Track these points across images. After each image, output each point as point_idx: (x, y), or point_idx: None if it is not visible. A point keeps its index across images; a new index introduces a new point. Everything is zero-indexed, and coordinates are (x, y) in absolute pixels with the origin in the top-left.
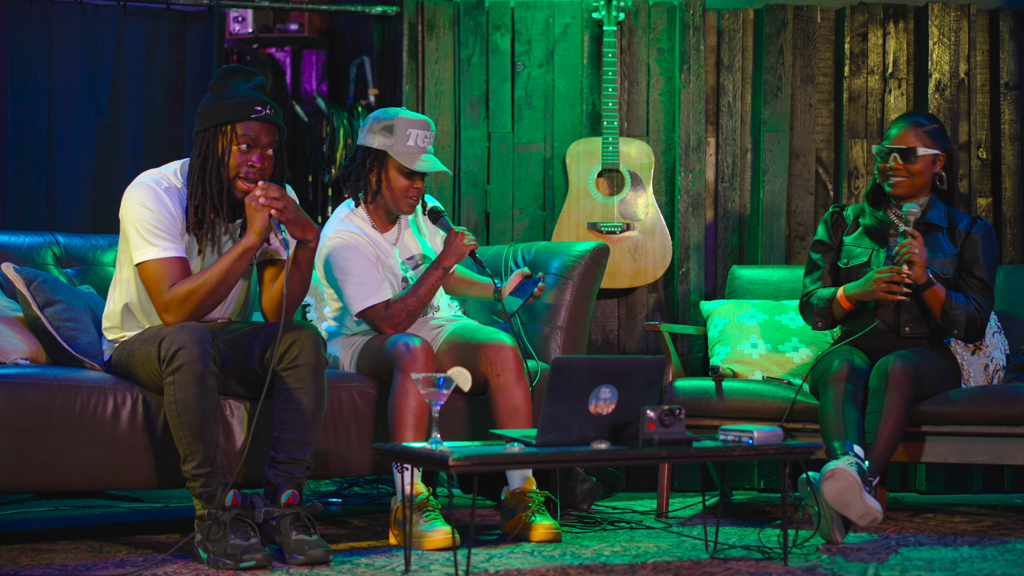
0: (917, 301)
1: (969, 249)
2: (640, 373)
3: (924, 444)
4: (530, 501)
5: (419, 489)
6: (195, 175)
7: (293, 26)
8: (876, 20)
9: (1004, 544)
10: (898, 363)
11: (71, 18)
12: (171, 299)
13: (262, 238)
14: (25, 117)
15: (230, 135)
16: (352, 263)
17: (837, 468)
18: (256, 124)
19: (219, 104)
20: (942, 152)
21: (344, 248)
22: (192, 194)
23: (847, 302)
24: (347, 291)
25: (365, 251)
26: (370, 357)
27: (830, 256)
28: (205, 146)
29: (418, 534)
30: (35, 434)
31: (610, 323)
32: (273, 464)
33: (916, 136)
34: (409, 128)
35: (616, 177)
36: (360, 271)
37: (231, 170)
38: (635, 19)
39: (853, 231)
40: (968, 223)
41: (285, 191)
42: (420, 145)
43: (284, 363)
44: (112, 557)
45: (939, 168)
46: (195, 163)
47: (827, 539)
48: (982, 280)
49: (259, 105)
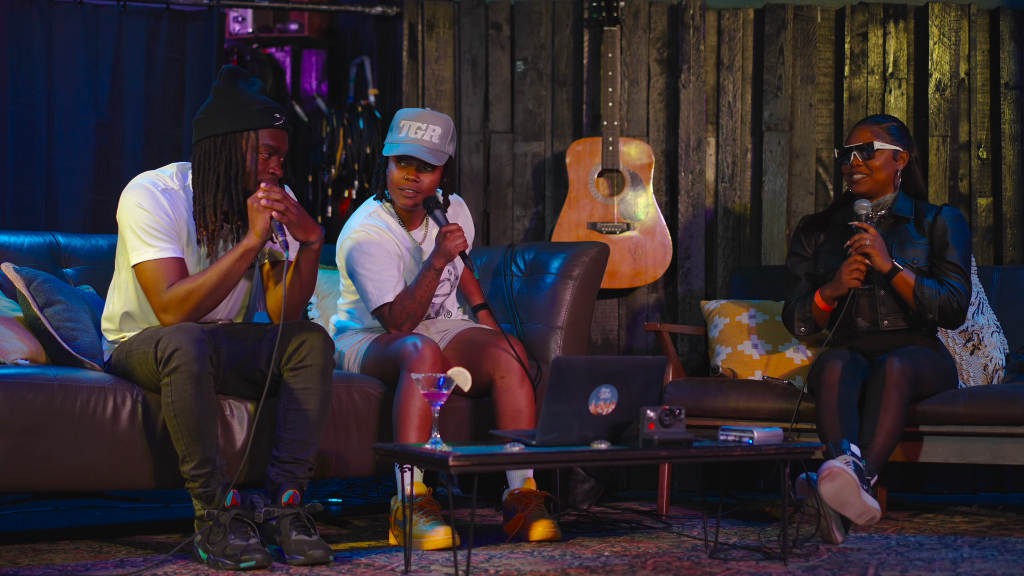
0: (892, 294)
1: (938, 234)
2: (640, 373)
3: (924, 444)
4: (529, 501)
5: (420, 489)
6: (213, 180)
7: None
8: (876, 20)
9: (1004, 544)
10: (895, 362)
11: (71, 18)
12: (170, 299)
13: (263, 239)
14: (25, 117)
15: (254, 142)
16: (372, 259)
17: (834, 467)
18: (277, 132)
19: (240, 110)
20: (903, 149)
21: (368, 243)
22: (215, 200)
23: (824, 302)
24: (365, 287)
25: (388, 248)
26: (376, 356)
27: (806, 266)
28: (226, 151)
29: (418, 534)
30: (35, 434)
31: (610, 323)
32: (276, 463)
33: (873, 132)
34: (403, 120)
35: (616, 177)
36: (379, 268)
37: (256, 176)
38: (635, 19)
39: (825, 240)
40: (936, 211)
41: (287, 193)
42: (411, 136)
43: (292, 363)
44: (112, 557)
45: (901, 165)
46: (211, 167)
47: (827, 539)
48: (955, 264)
49: (277, 112)
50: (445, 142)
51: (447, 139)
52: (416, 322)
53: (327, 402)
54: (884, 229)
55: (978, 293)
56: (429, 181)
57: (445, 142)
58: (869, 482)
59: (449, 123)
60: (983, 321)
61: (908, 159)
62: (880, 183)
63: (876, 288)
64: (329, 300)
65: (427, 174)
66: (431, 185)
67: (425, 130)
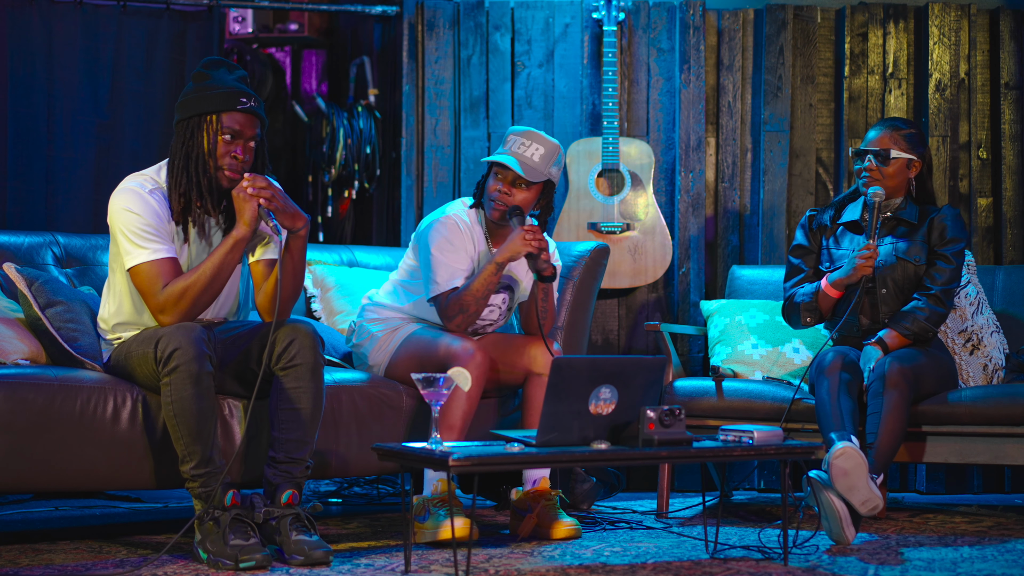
0: (896, 297)
1: (936, 232)
2: (640, 373)
3: (924, 444)
4: (545, 500)
5: (444, 487)
6: (179, 164)
7: (293, 26)
8: (876, 20)
9: (1004, 544)
10: (895, 364)
11: (71, 18)
12: (166, 299)
13: (252, 228)
14: (25, 117)
15: (215, 125)
16: (452, 247)
17: (847, 447)
18: (240, 115)
19: (203, 94)
20: (918, 158)
21: (454, 233)
22: (176, 182)
23: (832, 290)
24: (436, 270)
25: (468, 246)
26: (419, 351)
27: (811, 260)
28: (188, 135)
29: (434, 524)
30: (35, 434)
31: (610, 323)
32: (272, 464)
33: (891, 139)
34: (511, 134)
35: (616, 177)
36: (457, 258)
37: (216, 159)
38: (635, 19)
39: (832, 235)
40: (936, 211)
41: (271, 181)
42: (513, 150)
43: (282, 362)
44: (112, 557)
45: (913, 174)
46: (178, 152)
47: (837, 540)
48: (944, 256)
49: (243, 96)
50: (546, 164)
51: (548, 161)
52: (467, 319)
53: (320, 400)
54: (887, 230)
55: (978, 293)
56: (522, 198)
57: (546, 164)
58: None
59: (555, 148)
60: (983, 321)
61: (921, 167)
62: (891, 189)
63: (878, 287)
64: (333, 293)
65: (521, 190)
66: (524, 202)
67: (528, 147)
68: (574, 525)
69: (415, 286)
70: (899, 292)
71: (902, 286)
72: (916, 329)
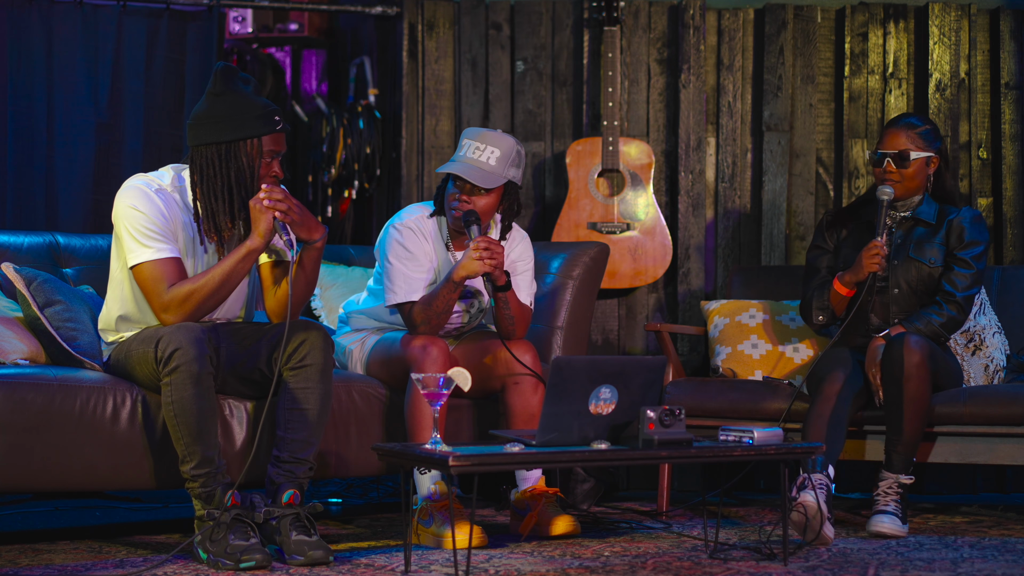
0: (908, 298)
1: (955, 234)
2: (640, 373)
3: (924, 444)
4: (544, 499)
5: (443, 488)
6: (227, 189)
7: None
8: (876, 20)
9: (1004, 544)
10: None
11: (71, 18)
12: (171, 299)
13: (266, 240)
14: (25, 117)
15: (257, 147)
16: (411, 256)
17: (807, 500)
18: (278, 135)
19: (242, 117)
20: (935, 153)
21: (412, 240)
22: (228, 208)
23: (843, 287)
24: (395, 279)
25: (428, 253)
26: (383, 357)
27: (828, 259)
28: (229, 157)
29: (439, 532)
30: (35, 434)
31: (610, 323)
32: (277, 463)
33: (908, 138)
34: (465, 138)
35: (616, 177)
36: (415, 266)
37: (258, 180)
38: (635, 19)
39: (848, 235)
40: (956, 212)
41: (288, 193)
42: (468, 155)
43: (292, 363)
44: (112, 557)
45: (932, 170)
46: (218, 174)
47: (823, 543)
48: (962, 260)
49: (277, 115)
50: (504, 165)
51: (505, 163)
52: (431, 329)
53: (327, 401)
54: (904, 230)
55: (981, 294)
56: (483, 204)
57: (504, 165)
58: (832, 514)
59: (511, 146)
60: (984, 322)
61: (939, 162)
62: (911, 189)
63: (890, 287)
64: (332, 291)
65: (480, 196)
66: (485, 208)
67: (483, 151)
68: (572, 521)
69: (383, 292)
70: (912, 293)
71: (915, 287)
72: (928, 332)
